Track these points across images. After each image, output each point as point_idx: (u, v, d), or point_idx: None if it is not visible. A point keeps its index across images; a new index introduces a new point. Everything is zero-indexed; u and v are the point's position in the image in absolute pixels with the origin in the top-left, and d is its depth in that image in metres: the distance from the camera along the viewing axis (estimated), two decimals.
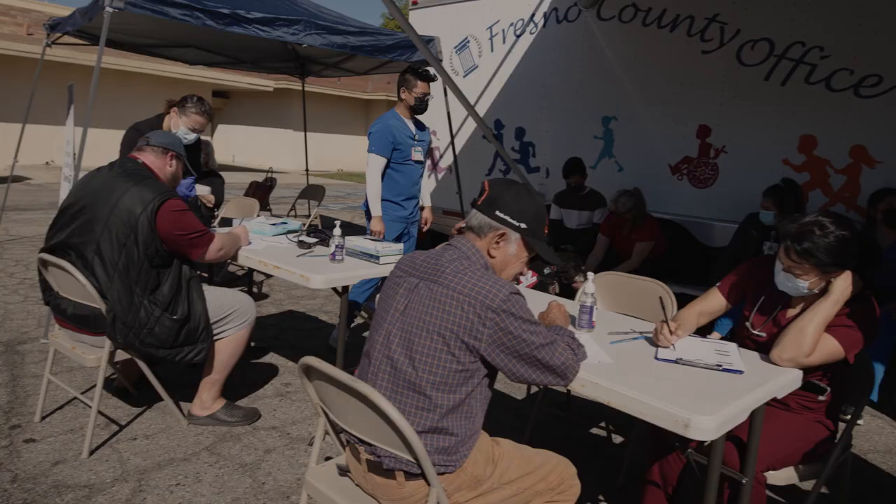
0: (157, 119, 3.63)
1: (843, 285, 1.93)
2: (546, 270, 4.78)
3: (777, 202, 4.12)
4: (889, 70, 4.29)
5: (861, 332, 1.93)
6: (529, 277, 4.83)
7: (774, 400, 2.04)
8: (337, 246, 2.88)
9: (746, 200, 4.66)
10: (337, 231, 2.91)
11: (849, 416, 3.60)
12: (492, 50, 6.56)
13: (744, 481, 1.86)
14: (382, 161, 3.98)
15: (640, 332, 2.12)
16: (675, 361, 1.85)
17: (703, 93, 5.14)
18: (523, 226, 1.69)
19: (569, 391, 3.11)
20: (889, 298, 3.41)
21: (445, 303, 1.55)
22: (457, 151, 6.71)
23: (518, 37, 6.33)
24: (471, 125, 6.61)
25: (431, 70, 4.21)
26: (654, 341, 2.01)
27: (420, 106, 4.08)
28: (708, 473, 1.67)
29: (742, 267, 2.25)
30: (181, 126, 3.48)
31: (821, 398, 2.06)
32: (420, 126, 4.23)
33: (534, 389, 3.63)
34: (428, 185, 7.34)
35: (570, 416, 3.31)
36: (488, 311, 1.52)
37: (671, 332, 1.96)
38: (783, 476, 2.00)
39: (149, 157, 2.81)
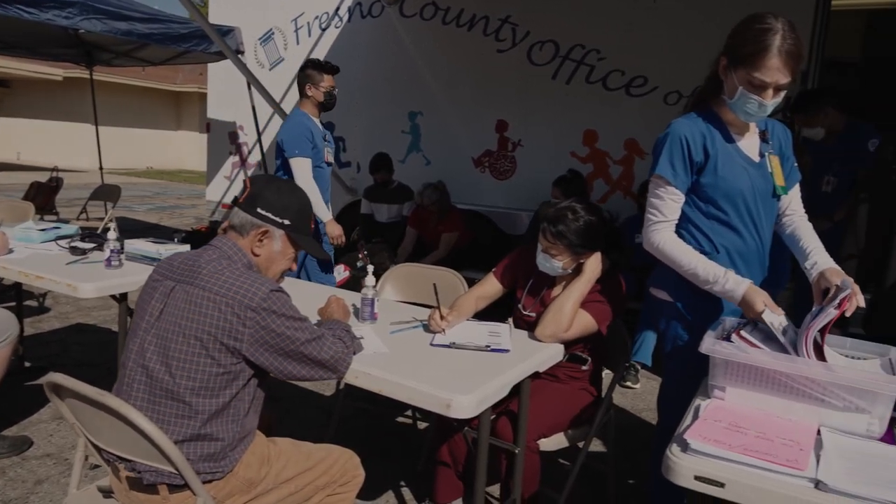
0: None
1: (593, 266, 2.15)
2: (359, 264, 4.79)
3: (564, 191, 4.49)
4: (652, 72, 4.83)
5: (610, 306, 2.16)
6: (342, 272, 4.81)
7: (545, 373, 2.22)
8: (112, 251, 2.66)
9: (541, 190, 5.01)
10: (112, 234, 2.68)
11: (627, 382, 4.03)
12: (297, 42, 6.42)
13: (516, 451, 2.00)
14: (310, 162, 3.62)
15: (421, 321, 2.19)
16: (449, 346, 1.94)
17: (499, 90, 5.44)
18: (286, 222, 1.67)
19: None
20: None
21: (202, 305, 1.49)
22: (266, 147, 6.50)
23: (324, 30, 6.26)
24: (279, 120, 6.43)
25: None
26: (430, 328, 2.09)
27: (330, 101, 3.78)
28: (478, 447, 1.78)
29: (514, 252, 2.41)
30: None
31: (584, 368, 2.28)
32: (324, 125, 3.95)
33: (343, 384, 3.63)
34: (237, 183, 7.06)
35: (377, 408, 3.36)
36: (247, 311, 1.48)
37: (442, 318, 2.05)
38: (553, 442, 2.18)
39: None
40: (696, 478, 1.29)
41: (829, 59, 5.17)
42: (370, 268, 2.19)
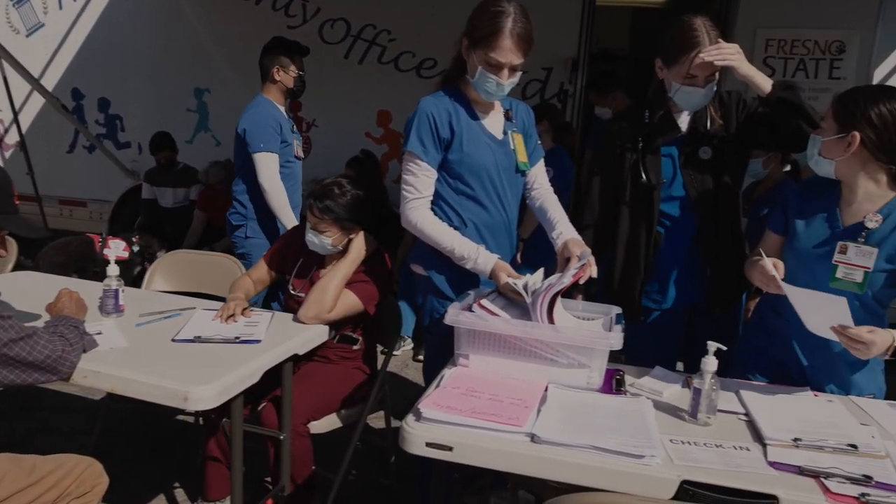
0: None
1: (358, 246, 2.16)
2: (135, 248, 4.41)
3: (357, 172, 4.48)
4: (442, 55, 4.91)
5: (377, 286, 2.18)
6: (121, 250, 4.40)
7: (317, 356, 2.20)
8: None
9: (336, 171, 4.91)
10: None
11: (420, 356, 4.14)
12: (60, 7, 5.69)
13: (282, 437, 1.96)
14: (277, 159, 3.09)
15: (180, 310, 2.06)
16: (193, 340, 1.83)
17: None
18: None
19: None
20: None
21: None
22: (27, 125, 5.73)
23: None
24: (40, 97, 5.69)
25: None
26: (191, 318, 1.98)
27: (301, 88, 3.28)
28: (231, 437, 1.71)
29: (284, 235, 2.36)
30: None
31: (355, 347, 2.28)
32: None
33: None
34: None
35: (154, 407, 3.11)
36: None
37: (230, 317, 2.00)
38: (326, 423, 2.15)
39: None
40: (428, 444, 1.33)
41: (601, 51, 5.68)
42: (112, 258, 1.99)
